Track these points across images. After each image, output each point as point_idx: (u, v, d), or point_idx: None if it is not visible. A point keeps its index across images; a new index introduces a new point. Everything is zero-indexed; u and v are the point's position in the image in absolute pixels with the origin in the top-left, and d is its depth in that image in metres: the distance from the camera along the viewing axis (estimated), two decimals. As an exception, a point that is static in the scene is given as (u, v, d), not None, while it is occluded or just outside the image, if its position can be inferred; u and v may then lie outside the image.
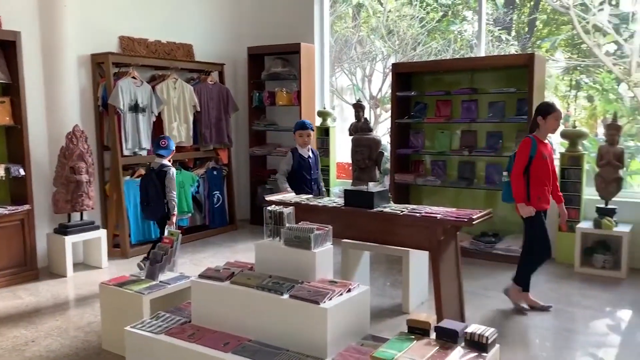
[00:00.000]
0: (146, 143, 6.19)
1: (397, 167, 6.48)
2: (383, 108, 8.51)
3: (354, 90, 8.60)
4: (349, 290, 2.99)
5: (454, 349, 2.61)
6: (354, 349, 2.82)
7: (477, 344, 2.61)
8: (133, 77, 6.08)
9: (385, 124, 8.14)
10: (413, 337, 2.74)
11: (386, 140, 6.71)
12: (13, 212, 5.07)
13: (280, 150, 7.51)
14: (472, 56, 6.96)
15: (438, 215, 3.64)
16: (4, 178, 5.09)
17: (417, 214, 3.69)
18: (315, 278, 3.07)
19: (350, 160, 4.14)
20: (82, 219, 5.61)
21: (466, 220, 3.57)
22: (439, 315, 3.59)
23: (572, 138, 5.65)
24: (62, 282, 5.24)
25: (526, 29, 7.69)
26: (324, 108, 7.42)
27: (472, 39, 7.50)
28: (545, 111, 4.22)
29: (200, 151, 6.99)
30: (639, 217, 5.46)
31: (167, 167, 5.03)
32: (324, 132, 7.19)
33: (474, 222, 3.58)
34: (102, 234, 5.69)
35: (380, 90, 8.52)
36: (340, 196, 4.43)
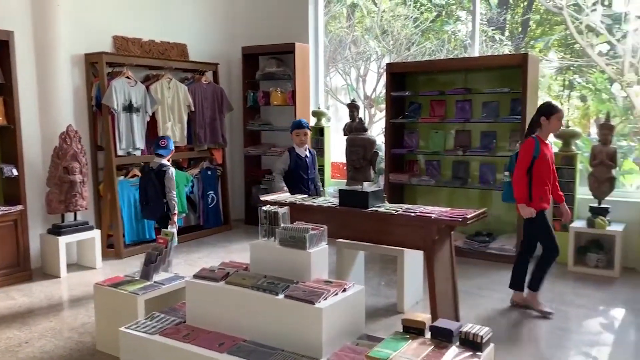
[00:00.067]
0: (140, 143, 6.18)
1: (391, 167, 6.49)
2: (377, 108, 8.52)
3: (348, 90, 8.61)
4: (344, 290, 3.00)
5: (449, 349, 2.61)
6: (349, 349, 2.83)
7: (472, 343, 2.62)
8: (127, 77, 6.05)
9: (379, 123, 8.16)
10: (408, 336, 2.74)
11: (380, 140, 6.72)
12: (6, 212, 5.04)
13: (275, 150, 7.51)
14: (466, 56, 6.98)
15: (432, 215, 3.65)
16: (-4, 178, 5.08)
17: (412, 214, 3.70)
18: (311, 278, 3.07)
19: (345, 160, 4.15)
20: (75, 219, 5.59)
21: (460, 219, 3.58)
22: (434, 315, 3.60)
23: (566, 138, 5.68)
24: (55, 283, 5.21)
25: (519, 29, 7.72)
26: (319, 108, 7.43)
27: (465, 39, 7.52)
28: (548, 111, 4.21)
29: (195, 151, 6.98)
30: (632, 216, 5.50)
31: (166, 167, 5.02)
32: (318, 132, 7.19)
33: (468, 222, 3.60)
34: (96, 234, 5.67)
35: (374, 90, 8.53)
36: (335, 196, 4.44)
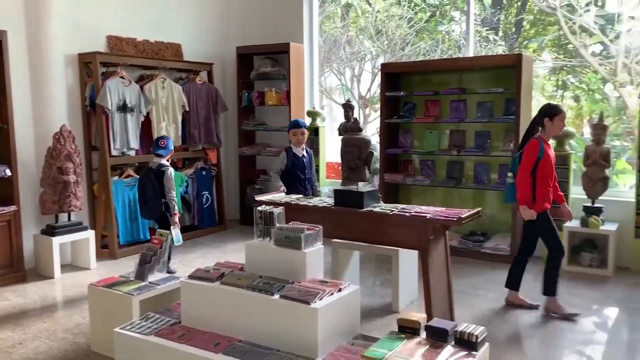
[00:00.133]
0: (134, 143, 6.16)
1: (386, 167, 6.50)
2: (372, 108, 8.53)
3: (343, 90, 8.61)
4: (340, 290, 3.00)
5: (444, 348, 2.63)
6: (344, 349, 2.83)
7: (467, 342, 2.63)
8: (121, 77, 6.03)
9: (374, 123, 8.16)
10: (403, 336, 2.75)
11: (375, 140, 6.73)
12: (-1, 213, 5.03)
13: (270, 150, 7.50)
14: (461, 56, 7.00)
15: (427, 215, 3.66)
16: (-10, 178, 5.05)
17: (407, 214, 3.70)
18: (306, 278, 3.07)
19: (339, 160, 4.15)
20: (69, 219, 5.57)
21: (455, 219, 3.59)
22: (429, 314, 3.60)
23: (559, 138, 5.70)
24: (49, 284, 5.19)
25: (513, 29, 7.74)
26: (314, 108, 7.43)
27: (460, 39, 7.54)
28: (552, 113, 4.22)
29: (189, 151, 6.96)
30: (625, 216, 5.53)
31: (165, 167, 5.06)
32: (313, 132, 7.19)
33: (463, 222, 3.61)
34: (90, 234, 5.65)
35: (369, 90, 8.54)
36: (330, 196, 4.44)
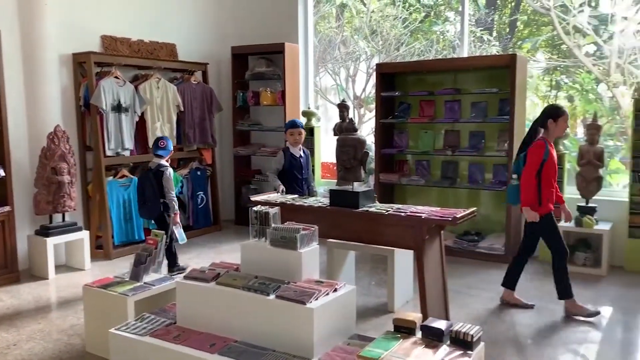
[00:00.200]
0: (129, 143, 6.14)
1: (381, 167, 6.51)
2: (367, 108, 8.53)
3: (338, 90, 8.61)
4: (335, 290, 3.00)
5: (440, 348, 2.63)
6: (340, 349, 2.83)
7: (463, 342, 2.64)
8: (115, 77, 6.02)
9: (369, 123, 8.17)
10: (399, 336, 2.76)
11: (370, 140, 6.73)
12: (-7, 213, 5.00)
13: (265, 150, 7.50)
14: (455, 57, 7.01)
15: (423, 215, 3.67)
16: (-17, 179, 5.02)
17: (402, 214, 3.71)
18: (302, 278, 3.07)
19: (335, 160, 4.15)
20: (64, 220, 5.55)
21: (450, 219, 3.60)
22: (424, 314, 3.61)
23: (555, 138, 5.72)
24: (43, 285, 5.17)
25: (507, 29, 7.76)
26: (309, 108, 7.42)
27: (454, 40, 7.56)
28: (555, 114, 4.22)
29: (184, 151, 6.95)
30: (619, 216, 5.56)
31: (164, 168, 5.10)
32: (308, 132, 7.16)
33: (458, 222, 3.62)
34: (84, 235, 5.62)
35: (364, 90, 8.54)
36: (325, 196, 4.44)
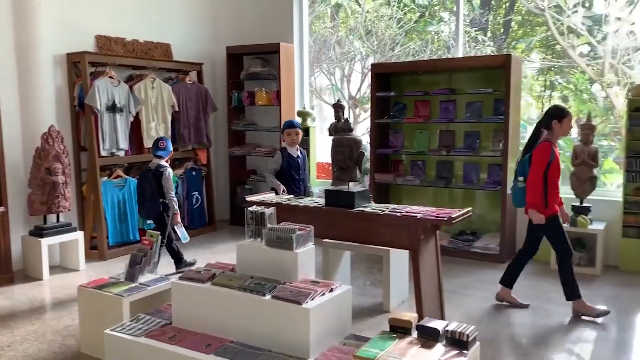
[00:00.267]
0: (124, 143, 6.12)
1: (376, 167, 6.52)
2: (362, 108, 8.54)
3: (333, 90, 8.62)
4: (331, 290, 3.01)
5: (436, 347, 2.64)
6: (336, 349, 2.84)
7: (458, 341, 2.65)
8: (110, 77, 6.00)
9: (364, 123, 8.18)
10: (395, 335, 2.76)
11: (366, 140, 6.73)
12: (-13, 214, 4.97)
13: (260, 151, 7.49)
14: (450, 57, 7.03)
15: (418, 215, 3.67)
16: (-23, 180, 4.99)
17: (398, 214, 3.72)
18: (297, 278, 3.07)
19: (330, 160, 4.15)
20: (58, 220, 5.52)
21: (446, 219, 3.61)
22: (420, 314, 3.62)
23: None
24: (38, 285, 5.14)
25: (502, 30, 7.79)
26: (304, 108, 7.42)
27: (449, 40, 7.57)
28: (560, 114, 4.20)
29: (179, 151, 6.92)
30: (613, 215, 5.59)
31: (164, 168, 5.15)
32: (303, 132, 7.17)
33: (453, 222, 3.63)
34: (79, 236, 5.60)
35: (359, 90, 8.55)
36: (321, 196, 4.44)
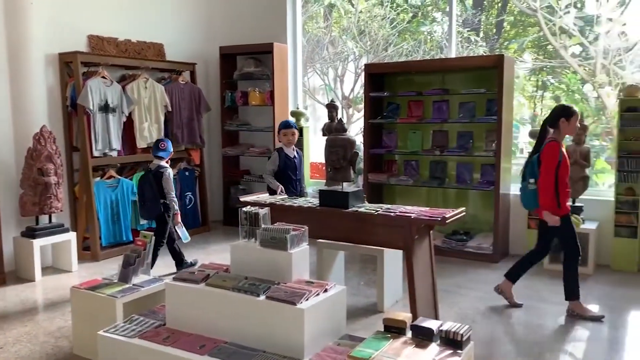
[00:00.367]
0: (116, 144, 6.10)
1: (370, 167, 6.53)
2: (355, 108, 8.55)
3: (326, 90, 8.62)
4: (326, 291, 3.00)
5: (430, 347, 2.65)
6: (330, 349, 2.84)
7: (453, 341, 2.65)
8: (103, 77, 5.97)
9: (357, 124, 8.19)
10: (389, 335, 2.77)
11: (359, 140, 6.74)
12: (-22, 215, 4.93)
13: (254, 151, 7.48)
14: (443, 57, 7.05)
15: (412, 215, 3.68)
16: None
17: (392, 214, 3.72)
18: (292, 279, 3.07)
19: (324, 161, 4.15)
20: (50, 221, 5.49)
21: (439, 219, 3.62)
22: (414, 314, 3.63)
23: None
24: (30, 287, 5.11)
25: (494, 30, 7.81)
26: (297, 108, 7.42)
27: (442, 40, 7.59)
28: (567, 113, 4.17)
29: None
30: (605, 215, 5.62)
31: (164, 168, 5.16)
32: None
33: (447, 222, 3.64)
34: (71, 236, 5.57)
35: (352, 90, 8.56)
36: (315, 196, 4.44)
